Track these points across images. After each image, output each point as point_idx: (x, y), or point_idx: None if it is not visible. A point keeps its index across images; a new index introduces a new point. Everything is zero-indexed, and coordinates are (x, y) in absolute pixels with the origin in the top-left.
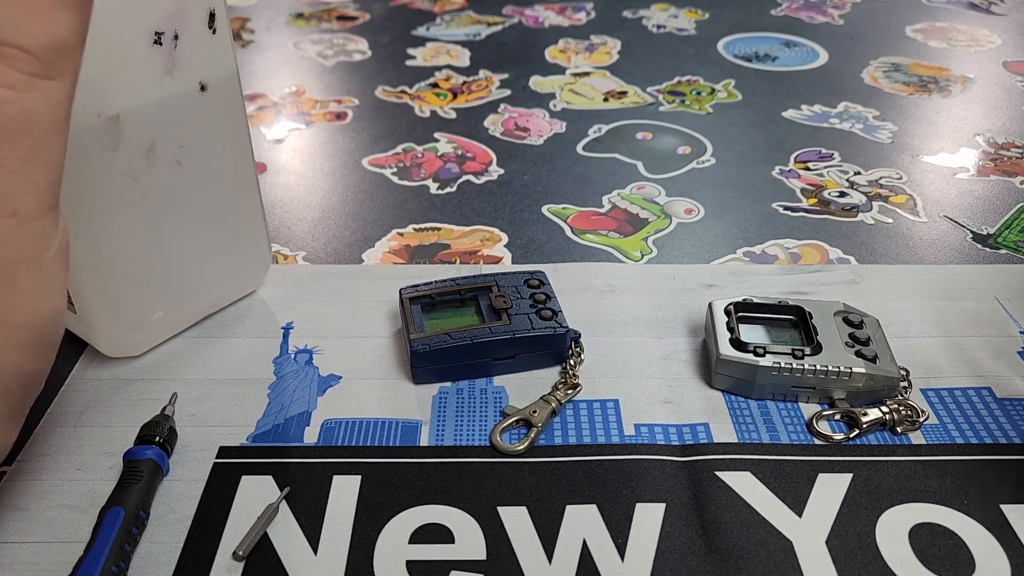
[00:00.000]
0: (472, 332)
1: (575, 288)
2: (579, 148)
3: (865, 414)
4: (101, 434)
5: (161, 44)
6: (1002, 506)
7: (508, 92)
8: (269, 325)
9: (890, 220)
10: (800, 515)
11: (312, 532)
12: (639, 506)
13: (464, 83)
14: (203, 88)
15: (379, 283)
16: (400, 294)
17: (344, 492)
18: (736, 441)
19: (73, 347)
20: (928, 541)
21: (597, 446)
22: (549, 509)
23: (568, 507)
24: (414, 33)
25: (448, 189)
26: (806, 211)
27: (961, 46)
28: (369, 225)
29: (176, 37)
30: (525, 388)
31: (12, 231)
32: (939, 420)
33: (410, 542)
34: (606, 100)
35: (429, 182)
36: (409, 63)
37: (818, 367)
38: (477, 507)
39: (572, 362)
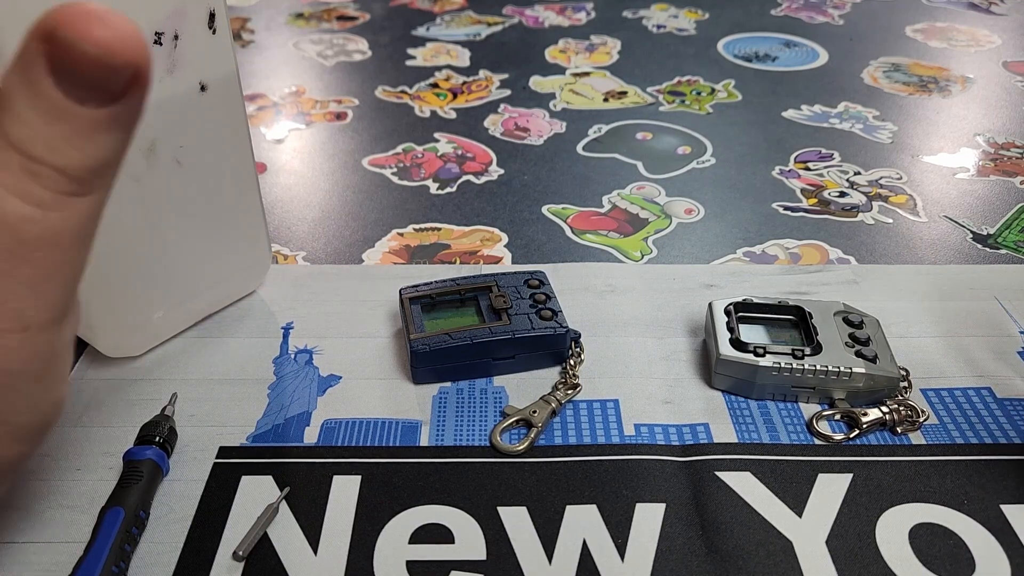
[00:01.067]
0: (472, 332)
1: (575, 288)
2: (579, 148)
3: (865, 414)
4: (101, 434)
5: (161, 44)
6: (1002, 506)
7: (508, 92)
8: (269, 325)
9: (890, 220)
10: (800, 515)
11: (312, 532)
12: (639, 506)
13: (464, 83)
14: (203, 88)
15: (379, 283)
16: (400, 294)
17: (344, 492)
18: (736, 441)
19: (73, 347)
20: (928, 541)
21: (597, 446)
22: (549, 509)
23: (568, 507)
24: (414, 33)
25: (448, 189)
26: (806, 211)
27: (961, 46)
28: (369, 225)
29: (176, 37)
30: (525, 388)
31: (21, 344)
32: (939, 420)
33: (410, 542)
34: (606, 100)
35: (429, 182)
36: (409, 63)
37: (818, 367)
38: (477, 507)
39: (572, 362)
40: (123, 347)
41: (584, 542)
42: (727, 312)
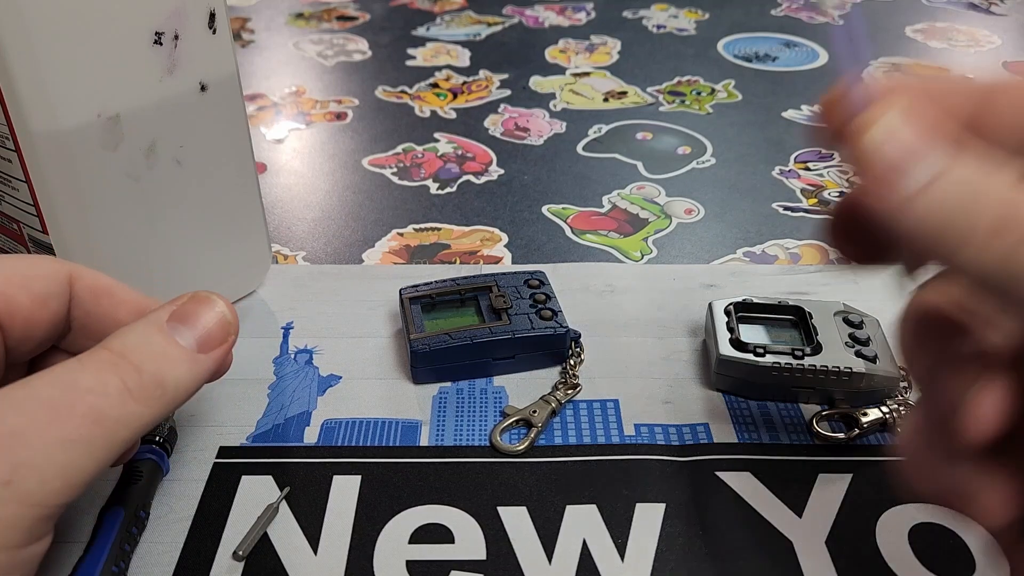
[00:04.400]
0: (472, 332)
1: (575, 288)
2: (579, 148)
3: (865, 414)
4: None
5: (161, 44)
6: None
7: (508, 92)
8: (269, 325)
9: None
10: (800, 515)
11: (312, 532)
12: (639, 506)
13: (464, 83)
14: (203, 88)
15: (379, 283)
16: (400, 294)
17: (344, 492)
18: (736, 441)
19: None
20: (928, 541)
21: (597, 446)
22: (549, 509)
23: (568, 507)
24: (414, 33)
25: (448, 189)
26: (806, 211)
27: (961, 46)
28: (369, 225)
29: (176, 37)
30: (525, 388)
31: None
32: None
33: (410, 542)
34: (606, 100)
35: (429, 182)
36: (409, 63)
37: (818, 367)
38: (477, 507)
39: (572, 362)
40: None
41: (584, 542)
42: (727, 312)
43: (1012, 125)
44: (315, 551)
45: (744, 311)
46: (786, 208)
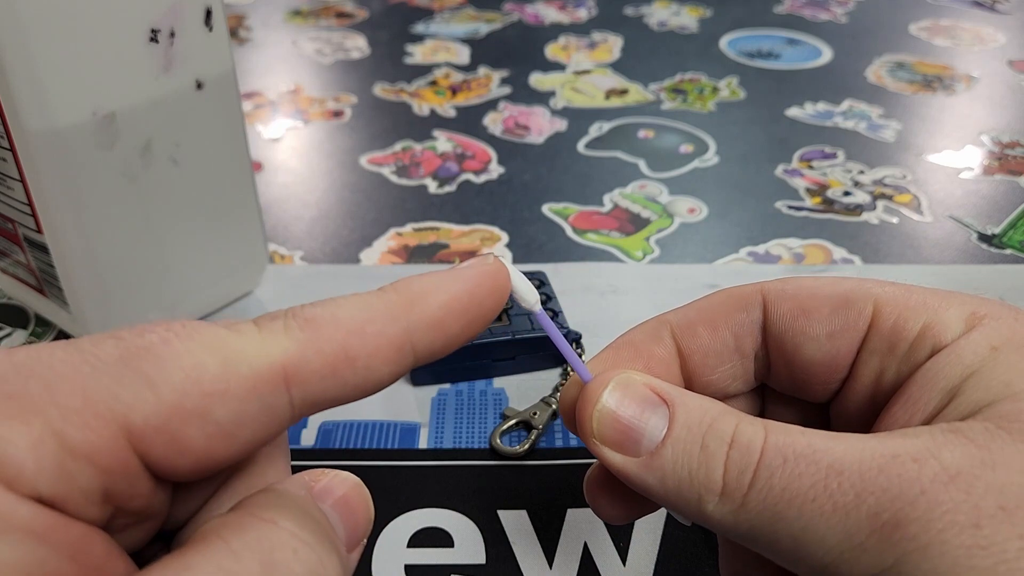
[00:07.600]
0: None
1: (576, 288)
2: (580, 146)
3: None
4: None
5: (157, 41)
6: None
7: (508, 90)
8: None
9: (895, 219)
10: None
11: None
12: None
13: (463, 81)
14: (199, 86)
15: (377, 283)
16: None
17: None
18: None
19: None
20: None
21: None
22: (550, 512)
23: (569, 510)
24: (413, 30)
25: (447, 188)
26: (810, 210)
27: (966, 44)
28: (367, 224)
29: (172, 34)
30: (525, 390)
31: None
32: None
33: (408, 546)
34: (607, 98)
35: (428, 181)
36: (408, 60)
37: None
38: (477, 510)
39: None
40: None
41: (585, 545)
42: None
43: (713, 343)
44: None
45: None
46: (790, 207)
